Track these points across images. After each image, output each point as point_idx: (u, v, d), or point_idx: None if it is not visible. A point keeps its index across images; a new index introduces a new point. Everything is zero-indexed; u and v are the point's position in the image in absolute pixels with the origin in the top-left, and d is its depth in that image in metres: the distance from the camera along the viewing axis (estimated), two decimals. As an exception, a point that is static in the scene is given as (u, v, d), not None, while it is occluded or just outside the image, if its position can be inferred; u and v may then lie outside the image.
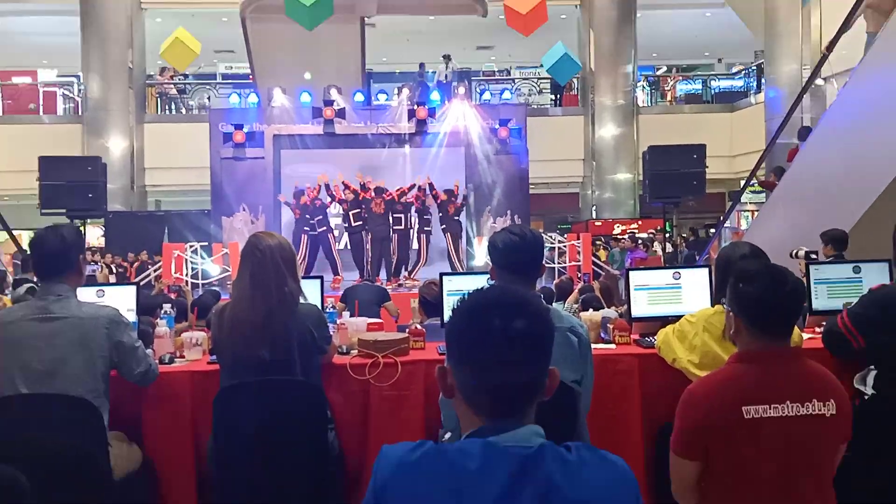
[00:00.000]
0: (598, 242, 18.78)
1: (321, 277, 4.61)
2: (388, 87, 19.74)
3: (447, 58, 22.58)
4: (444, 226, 15.23)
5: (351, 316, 4.59)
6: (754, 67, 23.82)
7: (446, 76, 22.43)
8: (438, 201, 15.12)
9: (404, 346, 4.02)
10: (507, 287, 1.65)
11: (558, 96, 24.17)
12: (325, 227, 15.03)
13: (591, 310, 4.63)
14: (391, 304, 8.85)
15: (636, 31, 22.16)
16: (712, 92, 24.84)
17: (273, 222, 16.79)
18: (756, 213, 14.94)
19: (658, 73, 27.10)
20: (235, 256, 13.59)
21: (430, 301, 5.25)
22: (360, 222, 14.74)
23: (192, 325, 6.16)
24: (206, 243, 16.08)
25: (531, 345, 1.57)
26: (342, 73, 18.15)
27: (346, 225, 14.98)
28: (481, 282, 4.13)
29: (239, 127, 16.96)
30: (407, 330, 4.28)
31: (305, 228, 14.88)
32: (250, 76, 19.56)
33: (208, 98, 23.55)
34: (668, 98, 25.53)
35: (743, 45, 24.62)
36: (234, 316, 3.39)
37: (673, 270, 4.52)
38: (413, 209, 15.07)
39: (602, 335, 4.31)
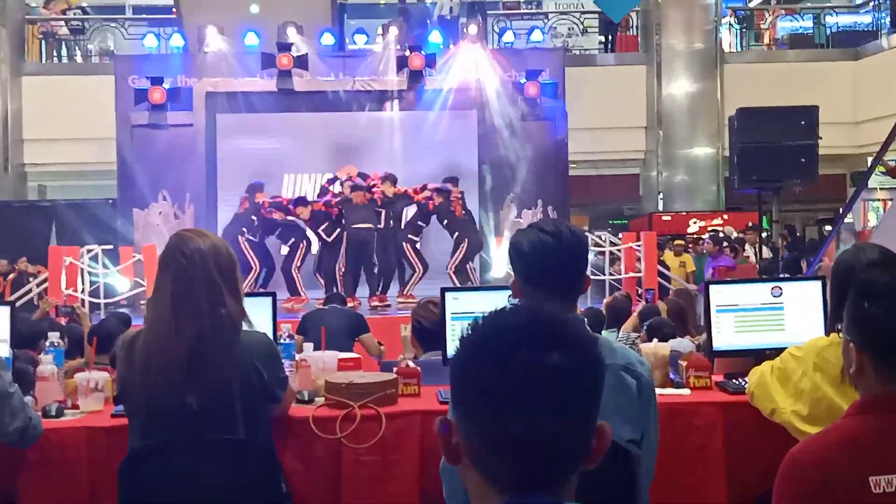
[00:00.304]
0: (671, 245, 18.76)
1: (273, 294, 4.61)
2: (370, 24, 19.81)
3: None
4: (455, 232, 15.15)
5: (315, 349, 4.60)
6: (888, -3, 23.87)
7: (451, 9, 22.48)
8: (432, 207, 15.07)
9: (391, 391, 4.02)
10: (536, 308, 1.65)
11: (610, 38, 24.18)
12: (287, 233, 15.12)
13: (656, 340, 4.62)
14: (369, 336, 8.83)
15: (720, -57, 22.28)
16: (828, 32, 24.84)
17: (207, 217, 16.84)
18: (890, 204, 14.92)
19: (751, 4, 27.11)
20: (152, 264, 13.58)
21: (428, 328, 5.25)
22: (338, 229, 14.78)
23: (89, 362, 6.15)
24: (111, 246, 16.10)
25: (571, 389, 1.57)
26: (304, 5, 18.20)
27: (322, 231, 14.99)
28: (500, 301, 4.12)
29: (157, 81, 17.00)
30: (395, 369, 4.29)
31: (244, 230, 14.81)
32: (173, 10, 19.62)
33: (113, 41, 23.57)
34: (766, 41, 25.52)
35: (871, -37, 24.66)
36: (150, 349, 3.40)
37: (772, 284, 4.53)
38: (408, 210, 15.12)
39: (672, 376, 4.31)
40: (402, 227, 15.07)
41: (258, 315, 4.02)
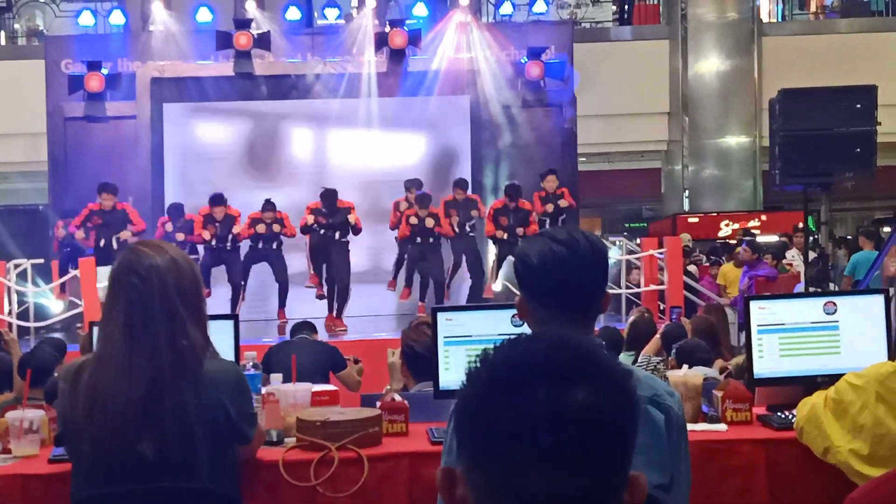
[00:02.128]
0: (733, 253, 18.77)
1: (235, 317, 4.60)
2: (341, -3, 19.86)
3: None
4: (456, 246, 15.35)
5: (285, 381, 4.59)
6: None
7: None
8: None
9: (374, 429, 4.02)
10: (558, 335, 1.64)
11: (626, 8, 24.25)
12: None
13: (686, 366, 4.61)
14: (348, 372, 8.80)
15: None
16: (888, -2, 24.89)
17: (153, 224, 16.80)
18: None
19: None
20: (90, 283, 13.57)
21: (420, 353, 5.24)
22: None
23: (21, 397, 6.14)
24: (42, 260, 16.05)
25: (601, 433, 1.57)
26: (264, -27, 18.26)
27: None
28: (504, 322, 4.13)
29: (95, 66, 16.99)
30: (379, 403, 4.28)
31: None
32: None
33: (43, 19, 23.57)
34: (813, 8, 25.57)
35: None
36: (97, 387, 3.38)
37: (824, 299, 4.52)
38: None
39: (705, 409, 4.30)
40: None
41: (218, 341, 3.99)
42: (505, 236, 15.19)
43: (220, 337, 4.22)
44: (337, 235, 14.53)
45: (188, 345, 3.40)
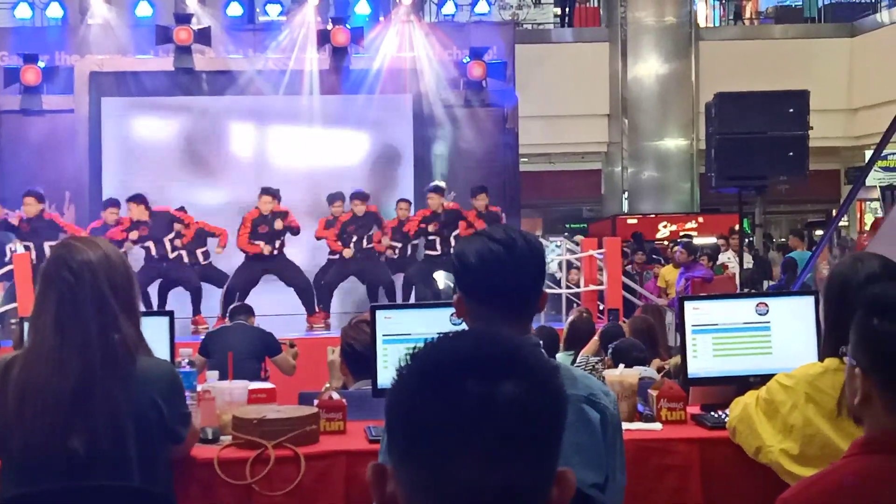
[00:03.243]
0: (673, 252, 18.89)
1: (170, 314, 4.58)
2: (284, -7, 19.76)
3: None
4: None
5: (222, 378, 4.57)
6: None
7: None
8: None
9: (311, 427, 4.01)
10: (486, 331, 1.66)
11: (567, 10, 24.35)
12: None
13: (622, 366, 4.63)
14: (283, 357, 8.87)
15: None
16: (819, 4, 25.17)
17: (91, 221, 16.63)
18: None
19: (730, -29, 27.44)
20: (24, 278, 13.41)
21: (361, 352, 5.23)
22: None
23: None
24: (-26, 255, 15.85)
25: (528, 426, 1.57)
26: (206, -32, 18.13)
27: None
28: (442, 321, 4.14)
29: (31, 59, 16.79)
30: (316, 401, 4.27)
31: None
32: (50, -27, 19.39)
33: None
34: (748, 14, 25.84)
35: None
36: (28, 383, 3.35)
37: (756, 300, 4.55)
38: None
39: (640, 408, 4.33)
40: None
41: (153, 338, 3.95)
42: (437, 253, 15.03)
43: (155, 332, 4.21)
44: (277, 244, 14.45)
45: (120, 339, 3.38)
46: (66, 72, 17.09)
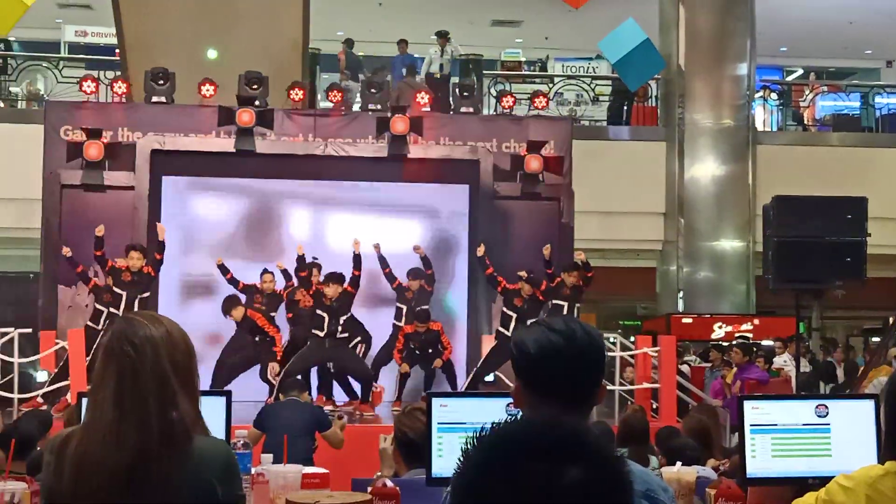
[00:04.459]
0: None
1: (228, 393, 4.58)
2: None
3: (443, 36, 22.86)
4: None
5: (276, 460, 4.56)
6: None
7: (441, 66, 22.67)
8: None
9: (365, 514, 3.99)
10: (551, 418, 1.66)
11: (625, 108, 24.46)
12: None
13: (679, 464, 4.60)
14: (333, 431, 8.99)
15: (754, 10, 22.55)
16: (878, 113, 25.16)
17: (148, 298, 16.71)
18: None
19: (789, 78, 27.50)
20: (79, 353, 13.52)
21: (413, 440, 5.23)
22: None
23: (4, 469, 6.10)
24: (30, 329, 15.94)
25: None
26: (270, 53, 18.33)
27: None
28: (498, 410, 4.12)
29: (95, 134, 16.89)
30: (370, 488, 4.25)
31: None
32: (116, 50, 19.71)
33: (44, 83, 23.65)
34: (806, 119, 25.85)
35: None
36: (84, 458, 3.32)
37: (816, 402, 4.53)
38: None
39: (696, 508, 4.29)
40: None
41: (209, 418, 3.96)
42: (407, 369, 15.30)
43: (211, 413, 4.20)
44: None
45: (178, 417, 3.35)
46: (129, 149, 17.21)
